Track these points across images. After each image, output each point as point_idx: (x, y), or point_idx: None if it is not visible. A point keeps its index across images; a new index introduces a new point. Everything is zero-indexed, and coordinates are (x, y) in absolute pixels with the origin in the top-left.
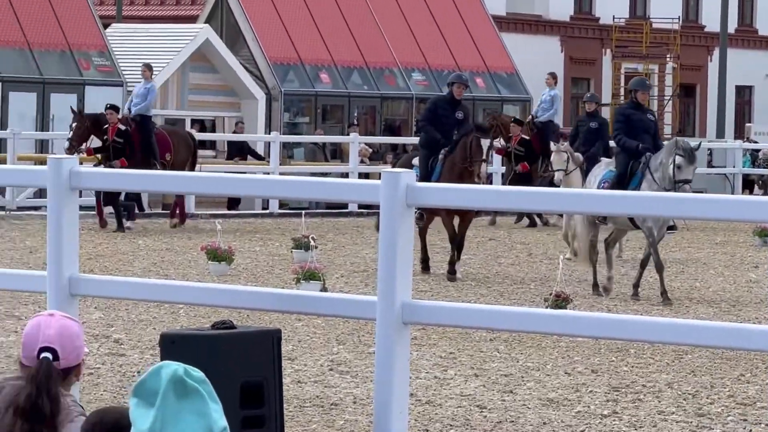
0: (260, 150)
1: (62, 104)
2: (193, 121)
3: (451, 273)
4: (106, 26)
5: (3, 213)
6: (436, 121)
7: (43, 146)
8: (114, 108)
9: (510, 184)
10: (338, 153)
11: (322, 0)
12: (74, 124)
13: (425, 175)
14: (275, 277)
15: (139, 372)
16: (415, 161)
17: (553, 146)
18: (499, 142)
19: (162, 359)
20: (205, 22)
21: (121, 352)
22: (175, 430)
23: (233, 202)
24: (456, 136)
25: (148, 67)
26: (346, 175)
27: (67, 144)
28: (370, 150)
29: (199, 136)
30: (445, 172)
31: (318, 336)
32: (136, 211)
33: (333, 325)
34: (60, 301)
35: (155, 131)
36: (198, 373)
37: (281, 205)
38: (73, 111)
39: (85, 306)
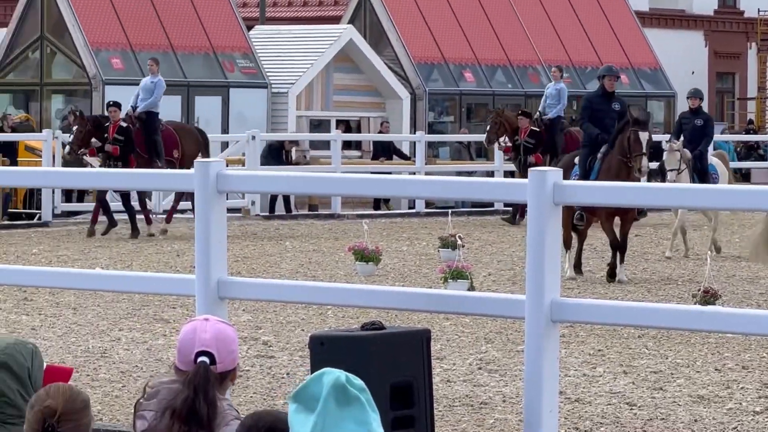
0: (405, 149)
1: (207, 107)
2: (338, 122)
3: (611, 276)
4: (249, 28)
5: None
6: (594, 117)
7: None
8: (116, 105)
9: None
10: (483, 151)
11: None
12: (75, 127)
13: (584, 174)
14: (422, 277)
15: (288, 374)
16: (577, 160)
17: (665, 145)
18: (505, 141)
19: (311, 361)
20: (349, 23)
21: (270, 354)
22: None
23: (379, 202)
24: (614, 131)
25: (155, 61)
26: (491, 174)
27: (67, 148)
28: None
29: (344, 136)
30: (604, 169)
31: (466, 335)
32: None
33: (481, 323)
34: (209, 304)
35: (162, 128)
36: (358, 381)
37: (427, 205)
38: (73, 113)
39: (234, 308)
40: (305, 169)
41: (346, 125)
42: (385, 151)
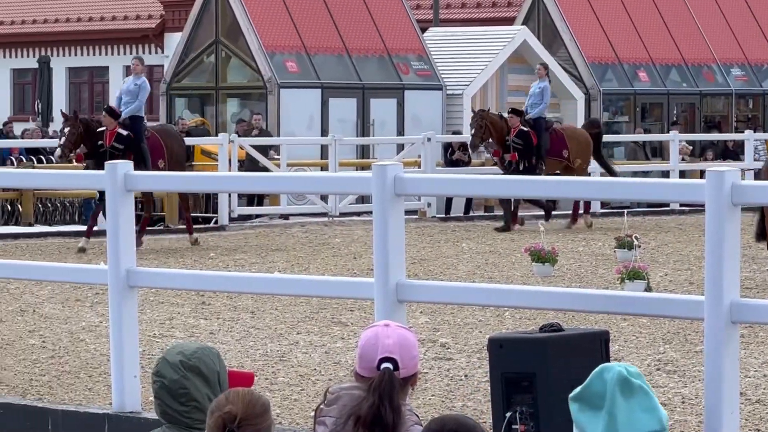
0: None
1: (382, 109)
2: None
3: None
4: (423, 30)
5: (327, 219)
6: None
7: (363, 151)
8: (111, 111)
9: None
10: (659, 151)
11: None
12: (67, 129)
13: None
14: (599, 278)
15: (466, 376)
16: None
17: None
18: (491, 146)
19: (490, 363)
20: (522, 24)
21: (448, 356)
22: (632, 429)
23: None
24: None
25: (140, 61)
26: (666, 174)
27: (58, 151)
28: (690, 147)
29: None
30: None
31: (644, 335)
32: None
33: (659, 324)
34: (387, 307)
35: (147, 135)
36: (634, 368)
37: (603, 205)
38: (64, 115)
39: (411, 310)
40: (477, 171)
41: None
42: None
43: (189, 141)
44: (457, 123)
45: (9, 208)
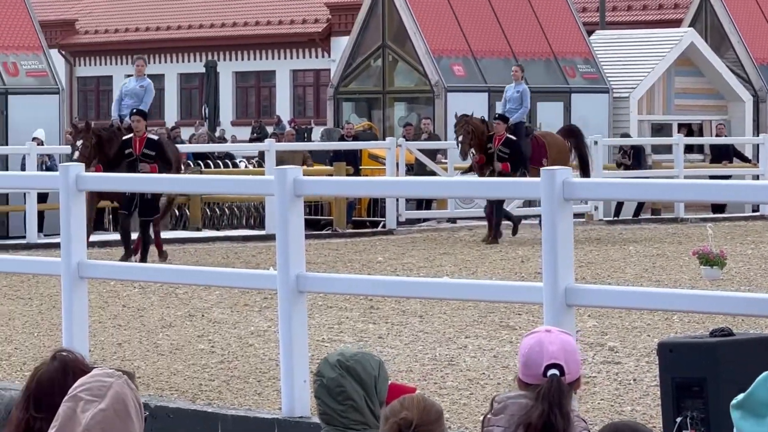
0: (748, 153)
1: (549, 112)
2: (680, 125)
3: None
4: (590, 33)
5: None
6: None
7: None
8: (141, 114)
9: None
10: None
11: None
12: (79, 142)
13: None
14: None
15: (634, 380)
16: None
17: None
18: (475, 154)
19: (660, 367)
20: (689, 26)
21: (616, 360)
22: None
23: (718, 205)
24: None
25: (144, 61)
26: None
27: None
28: None
29: (686, 140)
30: None
31: None
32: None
33: None
34: (556, 311)
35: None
36: None
37: None
38: (74, 126)
39: (579, 314)
40: (647, 174)
41: (687, 129)
42: (724, 154)
43: (356, 145)
44: (623, 126)
45: (177, 212)
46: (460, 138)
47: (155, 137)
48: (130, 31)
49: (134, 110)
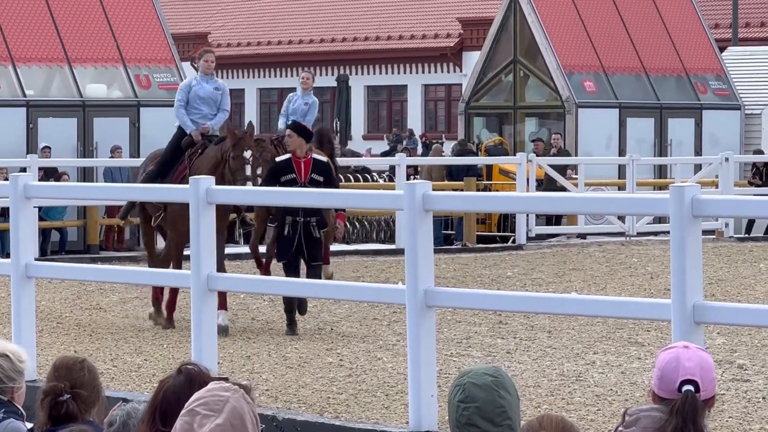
0: None
1: (680, 129)
2: None
3: None
4: (722, 50)
5: (624, 239)
6: None
7: (661, 171)
8: (301, 130)
9: None
10: None
11: None
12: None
13: None
14: None
15: (764, 398)
16: None
17: None
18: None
19: None
20: None
21: (745, 378)
22: None
23: None
24: None
25: (312, 75)
26: None
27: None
28: None
29: None
30: None
31: None
32: None
33: None
34: (685, 328)
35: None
36: None
37: None
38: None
39: (708, 331)
40: None
41: None
42: None
43: (487, 160)
44: (755, 143)
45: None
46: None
47: (323, 159)
48: (262, 45)
49: (290, 123)
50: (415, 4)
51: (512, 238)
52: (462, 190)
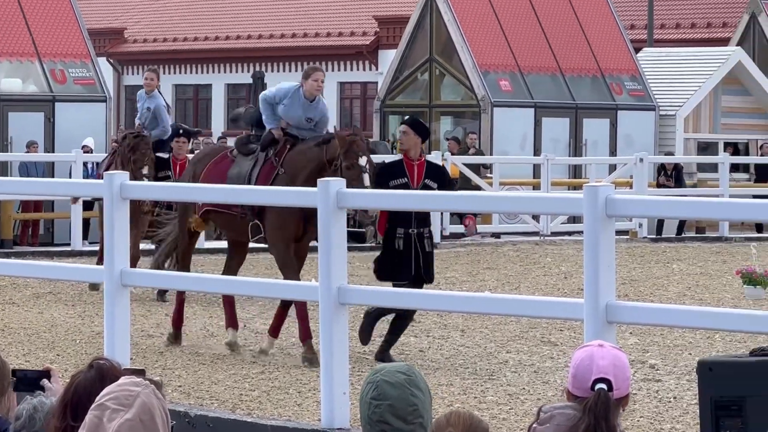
0: None
1: (595, 129)
2: (726, 144)
3: None
4: (637, 50)
5: (538, 239)
6: None
7: (575, 171)
8: (187, 134)
9: None
10: None
11: None
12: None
13: None
14: None
15: (675, 398)
16: None
17: None
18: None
19: (699, 386)
20: (737, 45)
21: (657, 378)
22: None
23: (762, 225)
24: None
25: (154, 74)
26: None
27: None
28: None
29: (732, 159)
30: None
31: None
32: None
33: None
34: (597, 328)
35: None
36: None
37: None
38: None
39: (621, 331)
40: (691, 192)
41: (734, 148)
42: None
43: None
44: (670, 144)
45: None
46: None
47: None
48: (178, 41)
49: (180, 129)
50: (332, 2)
51: None
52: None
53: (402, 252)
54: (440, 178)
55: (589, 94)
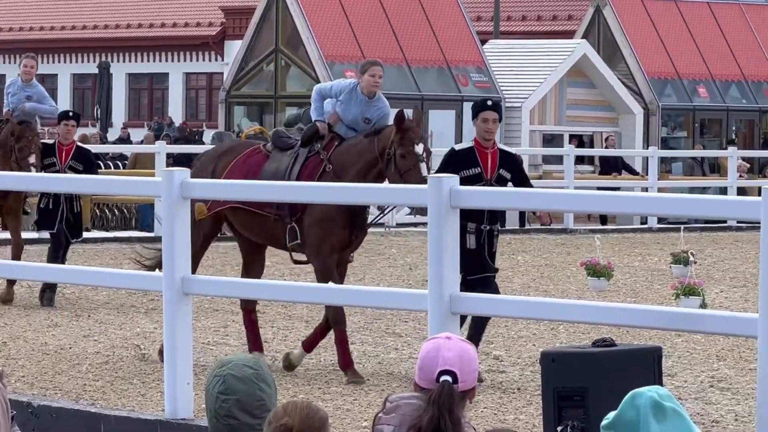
0: (638, 165)
1: (441, 120)
2: (571, 137)
3: None
4: (483, 42)
5: (383, 230)
6: None
7: None
8: (76, 117)
9: None
10: (716, 167)
11: (699, 13)
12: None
13: None
14: (654, 293)
15: (519, 389)
16: None
17: None
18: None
19: (542, 377)
20: (582, 38)
21: (501, 369)
22: None
23: (606, 217)
24: None
25: (34, 61)
26: (724, 190)
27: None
28: (748, 165)
29: (577, 151)
30: None
31: (698, 352)
32: None
33: (713, 341)
34: (441, 319)
35: None
36: (664, 391)
37: (660, 220)
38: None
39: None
40: (537, 184)
41: (579, 140)
42: (613, 166)
43: None
44: (515, 136)
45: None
46: None
47: (86, 146)
48: (24, 30)
49: (69, 112)
50: None
51: None
52: None
53: (474, 249)
54: (514, 168)
55: (435, 85)
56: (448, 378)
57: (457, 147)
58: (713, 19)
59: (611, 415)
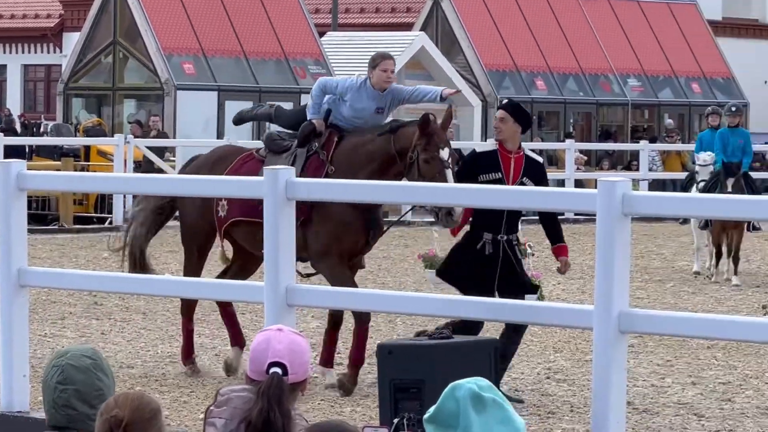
0: None
1: None
2: None
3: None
4: (321, 35)
5: None
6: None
7: None
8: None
9: None
10: (554, 160)
11: (537, 6)
12: None
13: None
14: None
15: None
16: None
17: None
18: None
19: (379, 369)
20: (421, 30)
21: (338, 361)
22: None
23: None
24: None
25: None
26: (562, 183)
27: None
28: (585, 157)
29: None
30: None
31: (534, 344)
32: None
33: (549, 333)
34: (277, 311)
35: None
36: (484, 382)
37: None
38: None
39: (302, 315)
40: None
41: None
42: None
43: (85, 141)
44: None
45: None
46: None
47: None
48: None
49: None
50: None
51: (109, 219)
52: (59, 170)
53: (489, 259)
54: (539, 177)
55: (273, 77)
56: (278, 370)
57: (479, 149)
58: (551, 13)
59: (432, 408)
